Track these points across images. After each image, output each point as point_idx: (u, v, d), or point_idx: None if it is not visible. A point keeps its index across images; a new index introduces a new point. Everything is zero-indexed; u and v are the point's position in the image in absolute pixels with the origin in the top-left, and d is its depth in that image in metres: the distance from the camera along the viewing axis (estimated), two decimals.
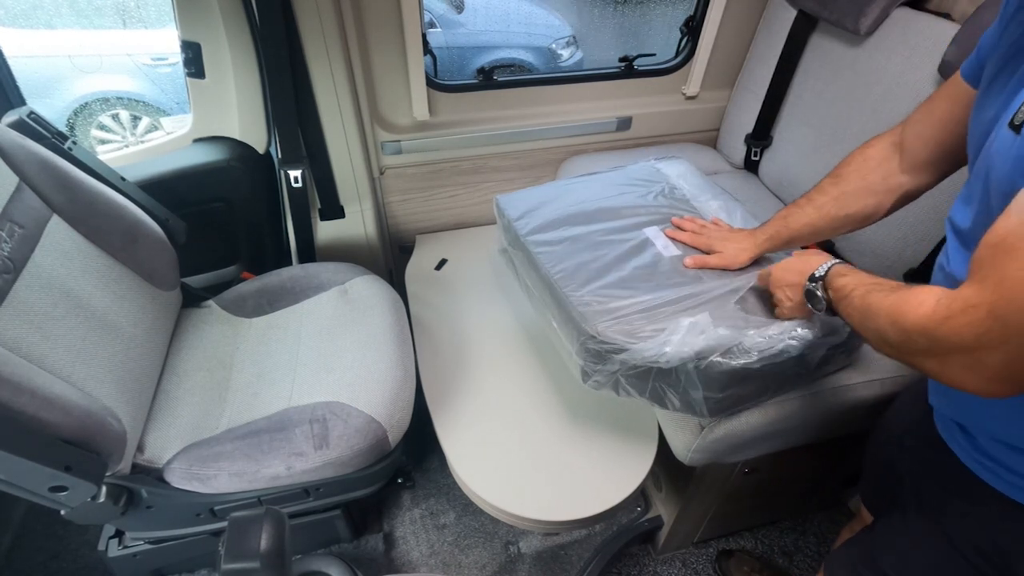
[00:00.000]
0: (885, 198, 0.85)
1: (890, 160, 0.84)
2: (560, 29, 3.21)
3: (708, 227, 1.09)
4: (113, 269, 1.10)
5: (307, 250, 1.55)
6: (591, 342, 0.92)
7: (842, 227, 0.91)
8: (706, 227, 1.09)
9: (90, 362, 0.95)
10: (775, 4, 1.51)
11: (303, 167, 1.40)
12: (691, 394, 0.92)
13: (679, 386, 0.92)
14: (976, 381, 0.51)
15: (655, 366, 0.88)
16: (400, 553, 1.46)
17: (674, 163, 1.32)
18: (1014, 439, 0.62)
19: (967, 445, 0.69)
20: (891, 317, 0.59)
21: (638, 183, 1.26)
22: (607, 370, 0.93)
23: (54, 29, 2.89)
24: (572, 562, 1.45)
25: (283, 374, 1.18)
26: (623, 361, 0.89)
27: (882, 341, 0.62)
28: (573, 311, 0.96)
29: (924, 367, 0.57)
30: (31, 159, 1.01)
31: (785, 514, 1.59)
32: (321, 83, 1.32)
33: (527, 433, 1.19)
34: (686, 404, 0.94)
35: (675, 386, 0.92)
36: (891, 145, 0.84)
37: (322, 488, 1.11)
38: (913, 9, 1.21)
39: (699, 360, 0.86)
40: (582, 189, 1.25)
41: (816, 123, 1.40)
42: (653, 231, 1.11)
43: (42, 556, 1.43)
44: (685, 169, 1.30)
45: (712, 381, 0.90)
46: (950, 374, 0.53)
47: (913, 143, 0.81)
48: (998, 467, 0.65)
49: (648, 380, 0.92)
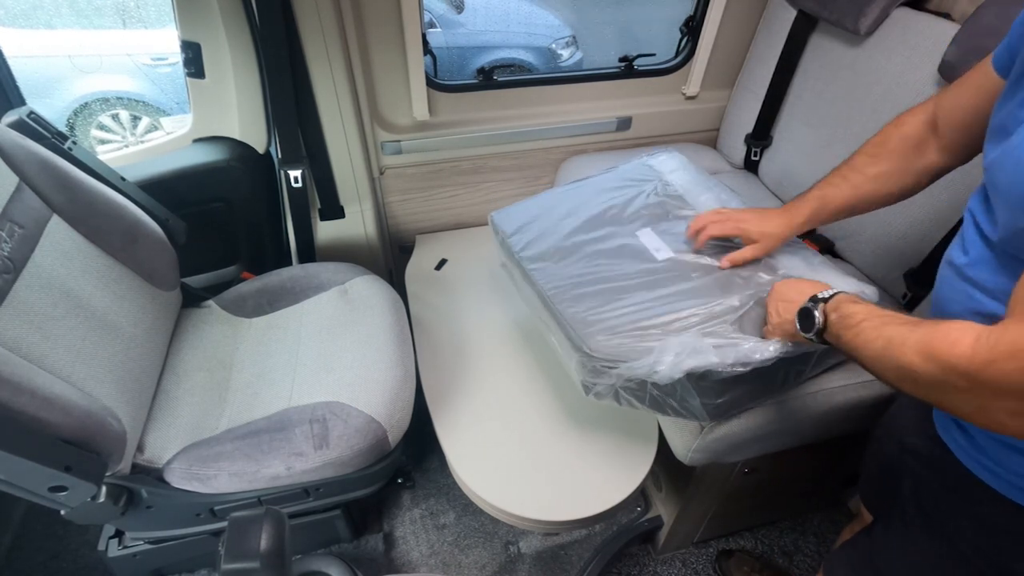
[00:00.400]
0: (923, 177, 0.84)
1: (927, 141, 0.82)
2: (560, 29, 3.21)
3: (726, 212, 1.04)
4: (113, 269, 1.10)
5: (307, 250, 1.55)
6: (586, 358, 0.93)
7: (878, 206, 0.90)
8: (722, 212, 1.04)
9: (90, 362, 0.95)
10: (775, 4, 1.51)
11: (303, 167, 1.40)
12: (689, 401, 0.92)
13: (676, 395, 0.92)
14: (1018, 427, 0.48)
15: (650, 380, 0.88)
16: (400, 553, 1.46)
17: (666, 158, 1.31)
18: (1012, 439, 0.62)
19: (966, 444, 0.68)
20: (923, 353, 0.54)
21: (630, 183, 1.25)
22: (605, 383, 0.93)
23: (54, 29, 2.90)
24: (572, 562, 1.45)
25: (283, 374, 1.18)
26: (619, 375, 0.90)
27: (905, 377, 0.58)
28: (568, 328, 0.97)
29: (959, 409, 0.53)
30: (31, 159, 1.01)
31: (785, 514, 1.59)
32: (321, 83, 1.32)
33: (527, 433, 1.19)
34: (686, 411, 0.94)
35: (672, 395, 0.92)
36: (925, 124, 0.82)
37: (322, 488, 1.11)
38: (913, 9, 1.21)
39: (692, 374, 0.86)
40: (575, 196, 1.24)
41: (816, 123, 1.40)
42: (647, 234, 1.10)
43: (42, 556, 1.43)
44: (678, 163, 1.29)
45: (707, 390, 0.90)
46: (993, 417, 0.50)
47: (945, 126, 0.79)
48: (997, 467, 0.64)
49: (646, 391, 0.93)
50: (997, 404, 0.49)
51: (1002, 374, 0.47)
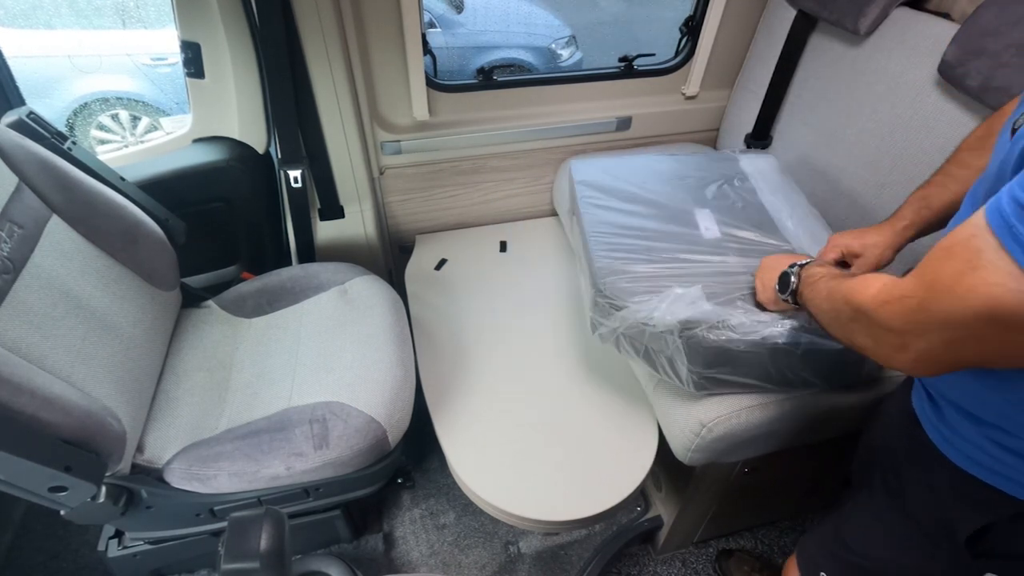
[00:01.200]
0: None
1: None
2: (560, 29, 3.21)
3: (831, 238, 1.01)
4: (113, 269, 1.10)
5: (307, 250, 1.55)
6: (599, 295, 1.01)
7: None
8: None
9: (90, 362, 0.95)
10: (775, 4, 1.51)
11: (303, 167, 1.40)
12: (677, 363, 0.96)
13: (667, 352, 0.96)
14: (902, 361, 0.56)
15: (647, 329, 0.94)
16: (400, 553, 1.46)
17: (756, 158, 1.36)
18: (967, 403, 0.64)
19: (932, 416, 0.71)
20: (846, 297, 0.64)
21: (710, 169, 1.32)
22: (610, 325, 1.00)
23: (54, 29, 2.89)
24: (572, 562, 1.45)
25: (283, 374, 1.18)
26: (622, 318, 0.96)
27: (834, 320, 0.68)
28: (592, 264, 1.06)
29: (865, 344, 0.62)
30: (31, 159, 1.01)
31: (785, 514, 1.59)
32: (321, 83, 1.32)
33: (527, 433, 1.19)
34: (674, 372, 0.98)
35: (664, 351, 0.97)
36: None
37: (322, 488, 1.11)
38: (913, 9, 1.21)
39: (685, 330, 0.91)
40: (656, 164, 1.33)
41: (816, 123, 1.41)
42: (705, 214, 1.16)
43: (42, 556, 1.43)
44: (767, 166, 1.33)
45: (696, 355, 0.94)
46: (884, 352, 0.58)
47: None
48: (952, 435, 0.67)
49: (643, 341, 0.98)
50: (886, 339, 0.57)
51: (889, 314, 0.56)
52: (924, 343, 0.52)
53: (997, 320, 0.45)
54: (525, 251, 1.68)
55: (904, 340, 0.54)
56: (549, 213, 1.83)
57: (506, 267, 1.62)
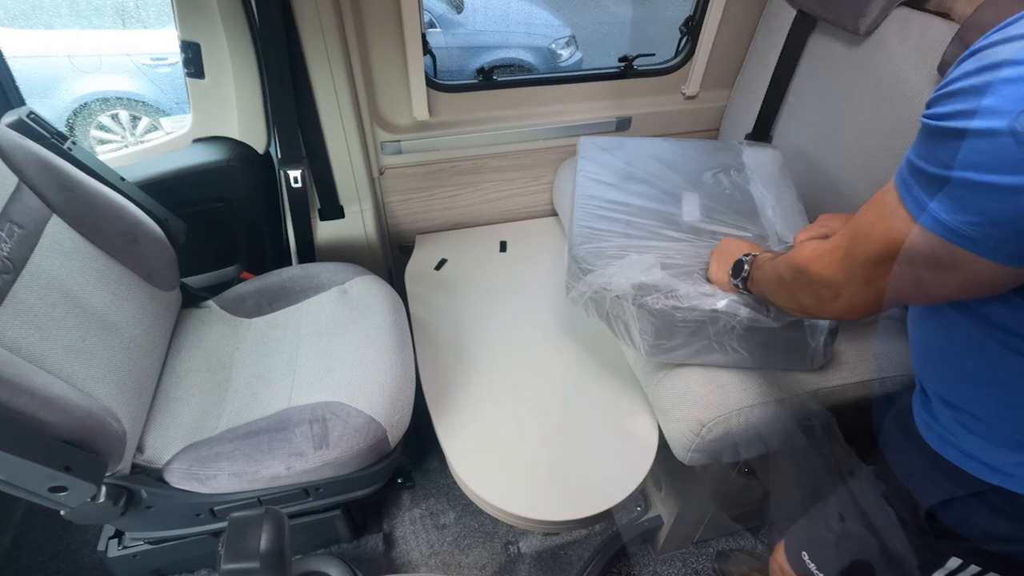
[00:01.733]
0: None
1: None
2: (560, 29, 3.21)
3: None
4: (113, 269, 1.10)
5: (307, 250, 1.55)
6: (572, 261, 1.09)
7: None
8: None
9: (90, 362, 0.95)
10: (775, 4, 1.51)
11: (303, 167, 1.40)
12: (632, 329, 1.02)
13: (624, 317, 1.02)
14: (838, 308, 0.65)
15: (607, 294, 1.01)
16: (400, 553, 1.46)
17: (760, 151, 1.37)
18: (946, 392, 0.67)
19: (920, 406, 0.73)
20: (787, 261, 0.74)
21: (712, 157, 1.36)
22: (579, 289, 1.07)
23: (53, 29, 2.89)
24: (572, 562, 1.45)
25: (283, 374, 1.18)
26: (588, 283, 1.04)
27: (780, 286, 0.77)
28: (571, 230, 1.14)
29: (806, 303, 0.70)
30: (30, 159, 1.01)
31: (784, 515, 1.59)
32: (321, 83, 1.32)
33: (527, 433, 1.19)
34: (629, 337, 1.04)
35: (621, 316, 1.03)
36: None
37: (322, 488, 1.11)
38: (912, 9, 1.21)
39: (638, 296, 0.97)
40: (659, 148, 1.38)
41: (816, 123, 1.40)
42: (691, 198, 1.21)
43: (42, 556, 1.43)
44: (768, 159, 1.35)
45: (646, 323, 0.98)
46: (822, 306, 0.67)
47: None
48: (933, 421, 0.70)
49: (605, 307, 1.05)
50: (823, 292, 0.66)
51: (822, 266, 0.65)
52: (851, 287, 0.61)
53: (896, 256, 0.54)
54: (525, 251, 1.68)
55: (837, 289, 0.63)
56: (549, 213, 1.83)
57: (506, 267, 1.62)
